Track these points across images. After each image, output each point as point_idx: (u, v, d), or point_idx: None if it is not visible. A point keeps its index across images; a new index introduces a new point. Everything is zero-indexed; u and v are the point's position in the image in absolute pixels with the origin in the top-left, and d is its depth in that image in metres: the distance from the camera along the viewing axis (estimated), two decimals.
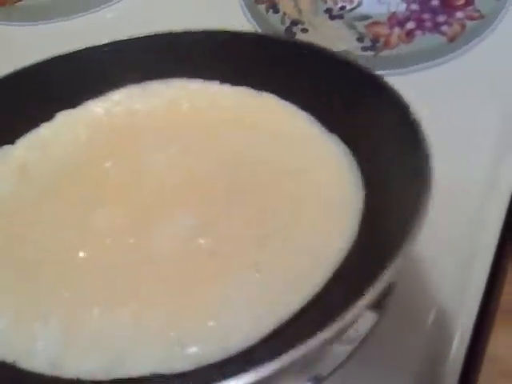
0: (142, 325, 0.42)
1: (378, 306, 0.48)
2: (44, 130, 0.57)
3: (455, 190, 0.55)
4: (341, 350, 0.47)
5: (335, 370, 0.46)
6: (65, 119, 0.58)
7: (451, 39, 0.69)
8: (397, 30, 0.70)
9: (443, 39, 0.69)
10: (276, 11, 0.75)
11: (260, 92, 0.57)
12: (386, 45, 0.70)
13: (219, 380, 0.35)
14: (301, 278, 0.44)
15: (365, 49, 0.70)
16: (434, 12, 0.72)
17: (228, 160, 0.52)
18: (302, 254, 0.45)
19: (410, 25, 0.71)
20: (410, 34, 0.70)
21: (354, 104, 0.51)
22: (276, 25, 0.74)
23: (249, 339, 0.41)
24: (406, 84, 0.48)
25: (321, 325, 0.36)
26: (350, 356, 0.47)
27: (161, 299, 0.43)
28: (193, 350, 0.40)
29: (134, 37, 0.59)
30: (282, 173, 0.51)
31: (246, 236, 0.46)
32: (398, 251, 0.39)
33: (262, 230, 0.47)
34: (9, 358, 0.42)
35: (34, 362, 0.42)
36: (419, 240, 0.51)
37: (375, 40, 0.70)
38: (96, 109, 0.58)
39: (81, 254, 0.47)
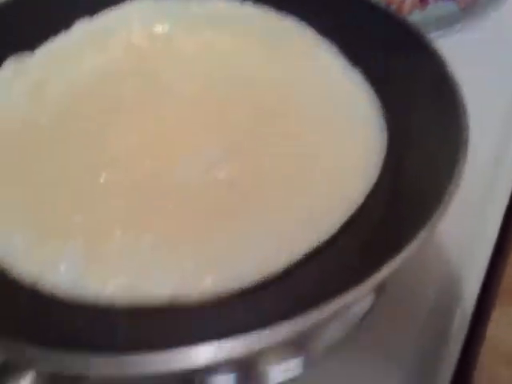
0: (161, 252, 0.42)
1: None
2: (62, 40, 0.56)
3: None
4: (335, 331, 0.47)
5: (328, 352, 0.46)
6: (83, 29, 0.57)
7: (464, 7, 0.70)
8: None
9: (456, 7, 0.70)
10: None
11: (284, 14, 0.56)
12: (399, 11, 0.70)
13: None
14: (319, 218, 0.44)
15: None
16: None
17: (252, 89, 0.51)
18: (321, 195, 0.45)
19: None
20: (423, 1, 0.70)
21: (384, 48, 0.52)
22: None
23: (263, 273, 0.41)
24: None
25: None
26: (345, 338, 0.46)
27: (180, 228, 0.43)
28: (208, 279, 0.41)
29: None
30: (304, 106, 0.50)
31: (268, 172, 0.46)
32: (431, 213, 0.38)
33: (282, 168, 0.47)
34: (30, 277, 0.42)
35: (56, 282, 0.42)
36: None
37: (388, 6, 0.70)
38: (113, 21, 0.57)
39: (100, 176, 0.46)
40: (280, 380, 0.45)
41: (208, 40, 0.56)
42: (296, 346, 0.45)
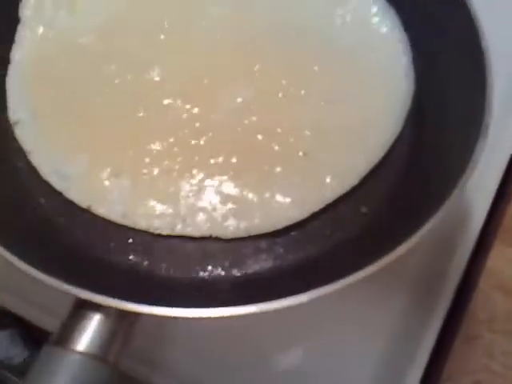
0: (201, 193, 0.47)
1: None
2: None
3: None
4: None
5: None
6: None
7: None
8: None
9: None
10: None
11: None
12: None
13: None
14: (345, 168, 0.48)
15: None
16: None
17: (284, 29, 0.53)
18: (348, 147, 0.49)
19: None
20: None
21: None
22: None
23: (291, 219, 0.46)
24: None
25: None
26: None
27: (219, 173, 0.47)
28: (243, 221, 0.46)
29: None
30: (337, 52, 0.51)
31: (299, 119, 0.49)
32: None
33: (312, 114, 0.49)
34: (84, 203, 0.47)
35: (107, 208, 0.46)
36: None
37: None
38: None
39: (140, 114, 0.49)
40: None
41: None
42: None
